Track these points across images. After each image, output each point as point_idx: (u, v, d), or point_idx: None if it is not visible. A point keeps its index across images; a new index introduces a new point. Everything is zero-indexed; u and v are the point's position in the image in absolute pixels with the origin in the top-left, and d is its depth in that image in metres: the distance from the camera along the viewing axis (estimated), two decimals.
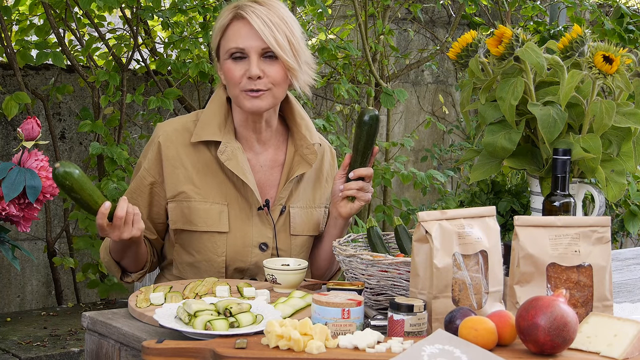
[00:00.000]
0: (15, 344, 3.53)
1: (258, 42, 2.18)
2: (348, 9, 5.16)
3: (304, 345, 1.56)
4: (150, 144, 2.29)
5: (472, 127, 2.28)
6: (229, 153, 2.21)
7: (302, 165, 2.29)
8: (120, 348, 1.81)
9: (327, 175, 2.40)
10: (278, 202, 2.28)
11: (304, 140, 2.30)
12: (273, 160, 2.31)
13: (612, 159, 2.08)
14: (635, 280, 2.50)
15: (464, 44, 2.12)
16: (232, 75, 2.19)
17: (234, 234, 2.23)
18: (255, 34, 2.18)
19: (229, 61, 2.21)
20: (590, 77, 2.02)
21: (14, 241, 2.15)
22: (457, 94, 5.82)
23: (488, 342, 1.56)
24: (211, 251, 2.23)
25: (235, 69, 2.19)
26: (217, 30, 2.25)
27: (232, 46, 2.20)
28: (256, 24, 2.17)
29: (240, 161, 2.22)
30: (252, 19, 2.17)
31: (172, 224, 2.26)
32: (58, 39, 3.97)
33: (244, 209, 2.24)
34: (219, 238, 2.23)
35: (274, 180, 2.30)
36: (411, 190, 5.57)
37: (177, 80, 4.18)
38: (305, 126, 2.32)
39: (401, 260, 1.86)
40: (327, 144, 2.44)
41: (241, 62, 2.19)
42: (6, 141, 4.06)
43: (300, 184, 2.33)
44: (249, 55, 2.18)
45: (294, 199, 2.31)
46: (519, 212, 3.92)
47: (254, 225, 2.25)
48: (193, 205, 2.22)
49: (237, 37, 2.19)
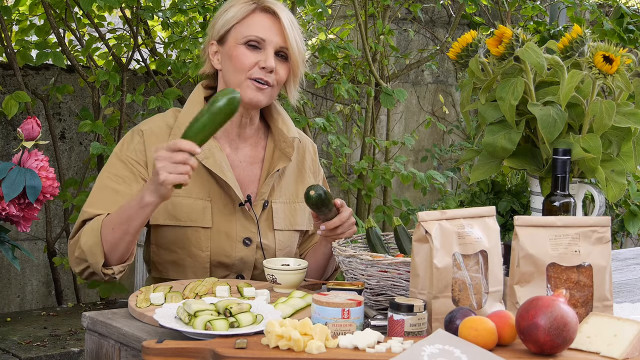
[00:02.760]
0: (15, 344, 3.53)
1: (280, 39, 2.20)
2: (348, 9, 5.16)
3: (304, 345, 1.56)
4: (132, 136, 2.24)
5: (472, 127, 2.28)
6: (206, 151, 2.20)
7: (282, 159, 2.30)
8: (120, 348, 1.81)
9: (310, 170, 2.42)
10: (260, 197, 2.28)
11: (281, 135, 2.31)
12: (252, 156, 2.32)
13: (612, 159, 2.08)
14: (635, 280, 2.50)
15: (464, 44, 2.12)
16: (243, 61, 2.20)
17: (218, 229, 2.23)
18: (279, 30, 2.20)
19: (243, 47, 2.21)
20: (590, 77, 2.02)
21: (14, 241, 2.15)
22: (457, 94, 5.82)
23: (488, 342, 1.56)
24: (195, 246, 2.22)
25: (249, 55, 2.20)
26: (231, 17, 2.24)
27: (253, 33, 2.20)
28: (285, 21, 2.20)
29: (218, 159, 2.21)
30: (282, 15, 2.21)
31: (152, 219, 2.22)
32: (58, 39, 3.97)
33: (227, 204, 2.24)
34: (203, 233, 2.22)
35: (254, 175, 2.31)
36: (411, 191, 5.57)
37: (177, 80, 4.18)
38: (282, 120, 2.33)
39: (401, 260, 1.86)
40: (308, 139, 2.46)
41: (255, 52, 2.20)
42: (6, 141, 4.06)
43: (282, 179, 2.34)
44: (266, 48, 2.20)
45: (276, 194, 2.32)
46: (519, 212, 3.92)
47: (237, 221, 2.25)
48: (177, 201, 2.21)
49: (260, 27, 2.21)
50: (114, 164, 2.23)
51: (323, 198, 2.15)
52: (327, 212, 2.18)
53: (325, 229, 2.18)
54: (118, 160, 2.23)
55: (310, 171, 2.42)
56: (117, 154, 2.24)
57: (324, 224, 2.19)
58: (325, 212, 2.18)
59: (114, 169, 2.22)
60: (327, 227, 2.18)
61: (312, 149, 2.45)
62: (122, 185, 2.20)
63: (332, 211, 2.19)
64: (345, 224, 2.20)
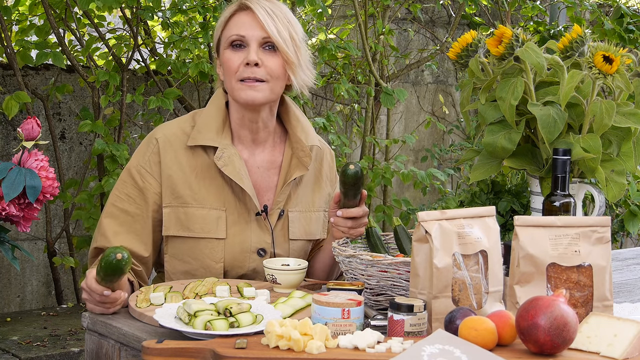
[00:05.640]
0: (15, 344, 3.53)
1: (259, 32, 2.17)
2: (348, 9, 5.16)
3: (304, 345, 1.56)
4: (147, 144, 2.22)
5: (472, 127, 2.28)
6: (226, 159, 2.17)
7: (299, 168, 2.25)
8: (120, 348, 1.81)
9: (327, 178, 2.38)
10: (276, 206, 2.25)
11: (299, 143, 2.26)
12: (270, 161, 2.28)
13: (612, 159, 2.08)
14: (635, 280, 2.50)
15: (464, 44, 2.12)
16: (230, 65, 2.18)
17: (232, 240, 2.20)
18: (257, 23, 2.17)
19: (228, 50, 2.19)
20: (590, 77, 2.02)
21: (14, 241, 2.14)
22: (457, 94, 5.83)
23: (488, 342, 1.56)
24: (209, 257, 2.19)
25: (234, 58, 2.18)
26: (219, 24, 2.24)
27: (233, 33, 2.19)
28: (259, 13, 2.17)
29: (237, 167, 2.18)
30: (256, 8, 2.18)
31: (165, 229, 2.20)
32: (58, 39, 3.97)
33: (242, 214, 2.21)
34: (217, 244, 2.19)
35: (271, 182, 2.27)
36: (411, 190, 5.57)
37: (177, 80, 4.18)
38: (302, 128, 2.29)
39: (401, 260, 1.86)
40: (327, 146, 2.41)
41: (240, 51, 2.18)
42: (6, 141, 4.06)
43: (299, 187, 2.30)
44: (249, 44, 2.17)
45: (292, 203, 2.28)
46: (519, 212, 3.92)
47: (252, 231, 2.22)
48: (190, 212, 2.18)
49: (240, 26, 2.19)
50: (124, 180, 2.22)
51: (359, 176, 2.12)
52: (355, 195, 2.14)
53: (342, 215, 2.16)
54: (129, 175, 2.21)
55: (327, 179, 2.38)
56: (130, 167, 2.22)
57: (342, 210, 2.17)
58: (353, 194, 2.14)
59: (124, 188, 2.21)
60: (343, 214, 2.16)
61: (329, 157, 2.40)
62: (132, 205, 2.18)
63: (356, 198, 2.16)
64: (362, 218, 2.18)
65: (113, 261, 1.81)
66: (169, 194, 2.18)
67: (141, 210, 2.18)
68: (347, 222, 2.17)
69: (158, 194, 2.19)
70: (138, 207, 2.18)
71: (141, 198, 2.18)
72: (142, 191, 2.19)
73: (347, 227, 2.17)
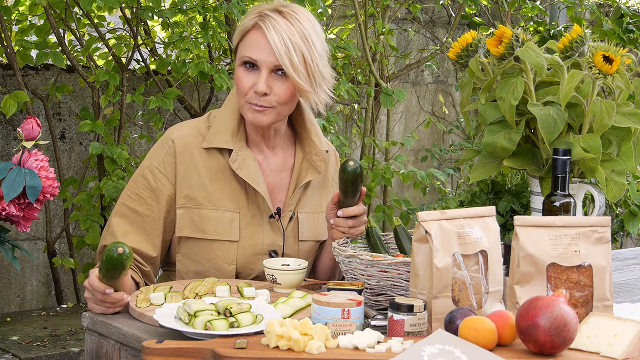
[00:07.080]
0: (15, 344, 3.53)
1: (271, 58, 2.11)
2: (348, 9, 5.16)
3: (304, 345, 1.56)
4: (162, 145, 2.21)
5: (472, 127, 2.28)
6: (241, 161, 2.17)
7: (310, 171, 2.26)
8: (120, 348, 1.81)
9: (332, 179, 2.39)
10: (288, 209, 2.26)
11: (313, 147, 2.26)
12: (282, 163, 2.28)
13: (612, 159, 2.08)
14: (635, 280, 2.50)
15: (464, 44, 2.12)
16: (241, 85, 2.15)
17: (245, 242, 2.20)
18: (270, 48, 2.10)
19: (241, 69, 2.15)
20: (590, 77, 2.02)
21: (14, 241, 2.14)
22: (457, 94, 5.82)
23: (488, 342, 1.56)
24: (222, 259, 2.19)
25: (245, 79, 2.14)
26: (238, 31, 2.19)
27: (246, 54, 2.13)
28: (272, 40, 2.10)
29: (252, 169, 2.18)
30: (269, 33, 2.10)
31: (178, 231, 2.20)
32: (58, 39, 3.97)
33: (255, 216, 2.21)
34: (230, 247, 2.19)
35: (284, 183, 2.28)
36: (411, 190, 5.57)
37: (177, 80, 4.18)
38: (315, 132, 2.29)
39: (401, 260, 1.86)
40: (332, 148, 2.42)
41: (252, 73, 2.14)
42: (6, 141, 4.06)
43: (308, 189, 2.31)
44: (260, 69, 2.12)
45: (302, 205, 2.29)
46: (519, 212, 3.92)
47: (264, 233, 2.22)
48: (204, 213, 2.18)
49: (253, 47, 2.13)
50: (136, 180, 2.21)
51: (359, 173, 2.10)
52: (354, 192, 2.13)
53: (342, 215, 2.15)
54: (141, 175, 2.20)
55: (333, 180, 2.39)
56: (143, 167, 2.21)
57: (342, 210, 2.16)
58: (353, 191, 2.13)
59: (136, 188, 2.20)
60: (344, 213, 2.15)
61: (334, 158, 2.41)
62: (143, 206, 2.18)
63: (356, 196, 2.15)
64: (362, 216, 2.17)
65: (114, 255, 1.81)
66: (183, 196, 2.18)
67: (151, 211, 2.18)
68: (348, 221, 2.17)
69: (171, 195, 2.19)
70: (148, 208, 2.18)
71: (152, 199, 2.18)
72: (154, 192, 2.18)
73: (347, 227, 2.16)
